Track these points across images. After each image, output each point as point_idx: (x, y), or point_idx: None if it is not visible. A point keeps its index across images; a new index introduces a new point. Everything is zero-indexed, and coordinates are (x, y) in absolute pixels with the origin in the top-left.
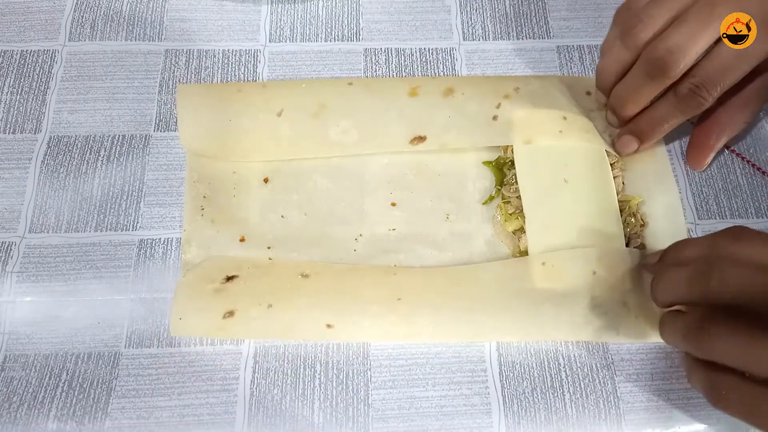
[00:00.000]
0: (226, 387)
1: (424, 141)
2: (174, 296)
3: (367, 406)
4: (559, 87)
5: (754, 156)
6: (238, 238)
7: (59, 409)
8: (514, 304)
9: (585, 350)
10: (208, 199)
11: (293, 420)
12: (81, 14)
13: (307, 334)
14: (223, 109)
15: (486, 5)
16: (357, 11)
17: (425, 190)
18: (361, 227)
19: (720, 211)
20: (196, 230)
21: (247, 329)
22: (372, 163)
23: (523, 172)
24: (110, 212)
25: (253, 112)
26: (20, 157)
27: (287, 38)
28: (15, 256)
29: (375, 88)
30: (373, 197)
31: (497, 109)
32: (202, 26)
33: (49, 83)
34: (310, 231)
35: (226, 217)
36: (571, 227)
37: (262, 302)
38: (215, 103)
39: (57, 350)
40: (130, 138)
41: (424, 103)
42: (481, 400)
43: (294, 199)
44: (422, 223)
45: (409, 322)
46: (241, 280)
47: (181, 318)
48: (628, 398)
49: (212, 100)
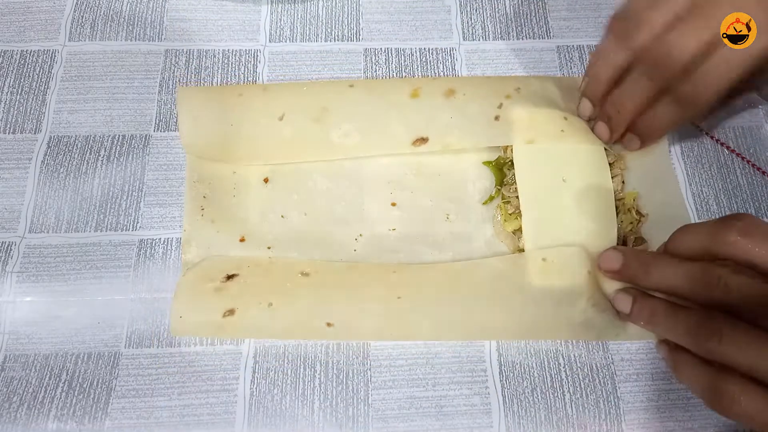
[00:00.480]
0: (226, 387)
1: (427, 142)
2: (174, 295)
3: (367, 406)
4: (559, 87)
5: (754, 156)
6: (238, 238)
7: (59, 409)
8: (514, 303)
9: (585, 350)
10: (208, 199)
11: (293, 420)
12: (81, 14)
13: (307, 332)
14: (224, 114)
15: (486, 5)
16: (357, 11)
17: (425, 190)
18: (361, 227)
19: (720, 211)
20: (196, 230)
21: (247, 328)
22: (372, 163)
23: (521, 172)
24: (110, 212)
25: (254, 117)
26: (20, 157)
27: (287, 38)
28: (15, 256)
29: (376, 89)
30: (373, 197)
31: (499, 110)
32: (202, 26)
33: (49, 83)
34: (310, 231)
35: (226, 217)
36: (567, 227)
37: (262, 301)
38: (216, 107)
39: (57, 350)
40: (130, 138)
41: (425, 105)
42: (481, 400)
43: (294, 199)
44: (422, 223)
45: (409, 320)
46: (242, 278)
47: (181, 316)
48: (628, 398)
49: (213, 104)
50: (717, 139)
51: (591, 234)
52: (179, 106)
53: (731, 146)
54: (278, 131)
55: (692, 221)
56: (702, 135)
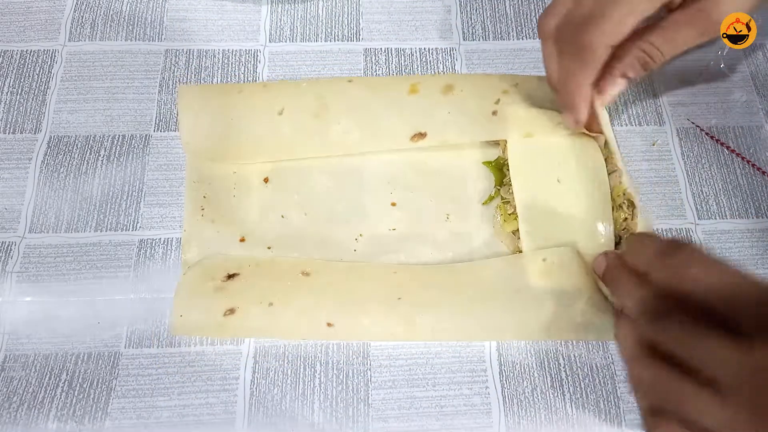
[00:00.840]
0: (226, 387)
1: (425, 137)
2: (175, 294)
3: (367, 406)
4: None
5: (754, 156)
6: (239, 238)
7: (59, 409)
8: (515, 304)
9: (585, 350)
10: (208, 199)
11: (293, 420)
12: (81, 14)
13: (308, 332)
14: (224, 111)
15: (486, 5)
16: (357, 11)
17: (425, 190)
18: (362, 227)
19: (720, 211)
20: (197, 230)
21: (248, 327)
22: (372, 162)
23: (516, 168)
24: (110, 212)
25: (254, 113)
26: (20, 157)
27: (287, 38)
28: (15, 256)
29: (375, 85)
30: (373, 197)
31: (496, 105)
32: (202, 26)
33: (49, 83)
34: (310, 231)
35: (226, 217)
36: (564, 225)
37: (263, 300)
38: (216, 105)
39: (57, 350)
40: (130, 138)
41: (424, 101)
42: (481, 400)
43: (294, 198)
44: (422, 223)
45: (409, 322)
46: (242, 278)
47: (181, 315)
48: (628, 398)
49: (213, 102)
50: (717, 139)
51: (588, 233)
52: (180, 104)
53: (731, 146)
54: (277, 127)
55: (691, 222)
56: (702, 135)
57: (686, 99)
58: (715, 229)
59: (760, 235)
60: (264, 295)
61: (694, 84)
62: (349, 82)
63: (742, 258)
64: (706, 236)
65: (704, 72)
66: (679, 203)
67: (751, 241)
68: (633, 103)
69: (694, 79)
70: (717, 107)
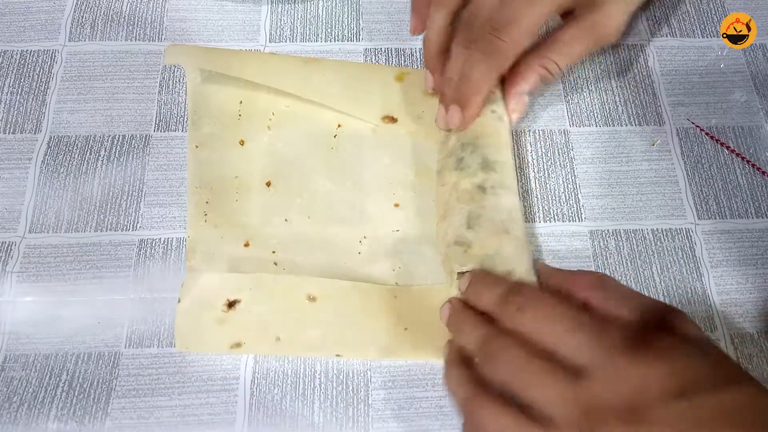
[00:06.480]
0: (226, 387)
1: (395, 123)
2: (176, 326)
3: (367, 406)
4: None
5: (754, 156)
6: (243, 242)
7: (59, 409)
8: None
9: None
10: (210, 204)
11: (293, 420)
12: (81, 14)
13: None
14: (214, 51)
15: None
16: (357, 11)
17: (427, 190)
18: (365, 229)
19: (720, 211)
20: (201, 236)
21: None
22: (372, 163)
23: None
24: (110, 212)
25: (244, 53)
26: (20, 157)
27: (287, 38)
28: (15, 256)
29: (366, 64)
30: (375, 198)
31: None
32: (202, 26)
33: (49, 83)
34: (314, 234)
35: (229, 222)
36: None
37: (269, 334)
38: (205, 52)
39: (57, 350)
40: (130, 138)
41: (406, 90)
42: None
43: (297, 202)
44: (426, 223)
45: (416, 348)
46: (244, 305)
47: (188, 347)
48: None
49: (202, 53)
50: (717, 139)
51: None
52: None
53: (731, 146)
54: (267, 61)
55: (691, 222)
56: (702, 135)
57: (686, 99)
58: (715, 229)
59: (760, 235)
60: (269, 328)
61: (694, 84)
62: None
63: (743, 258)
64: (706, 236)
65: (704, 72)
66: (679, 203)
67: (751, 241)
68: (633, 103)
69: (694, 79)
70: (717, 107)
